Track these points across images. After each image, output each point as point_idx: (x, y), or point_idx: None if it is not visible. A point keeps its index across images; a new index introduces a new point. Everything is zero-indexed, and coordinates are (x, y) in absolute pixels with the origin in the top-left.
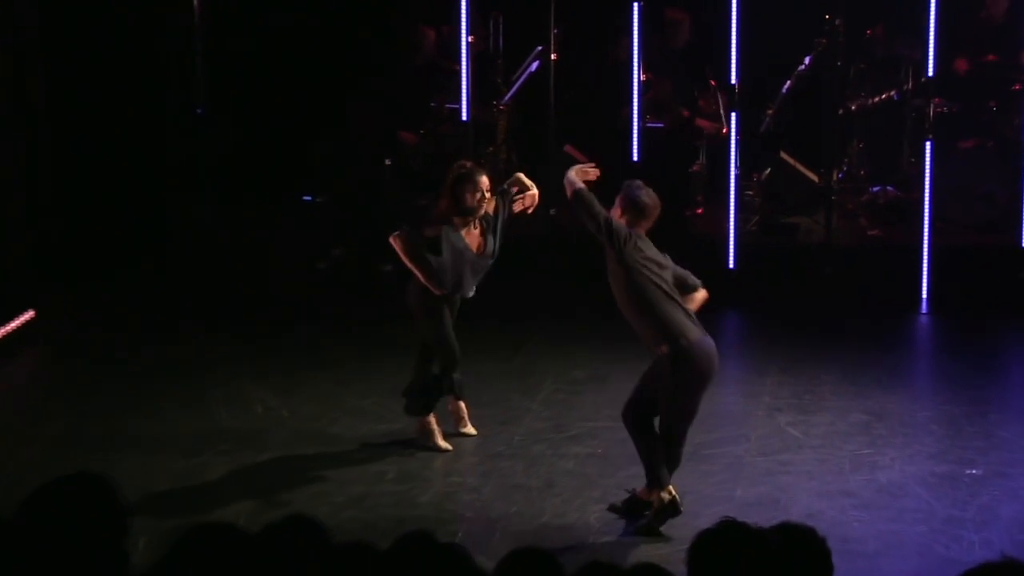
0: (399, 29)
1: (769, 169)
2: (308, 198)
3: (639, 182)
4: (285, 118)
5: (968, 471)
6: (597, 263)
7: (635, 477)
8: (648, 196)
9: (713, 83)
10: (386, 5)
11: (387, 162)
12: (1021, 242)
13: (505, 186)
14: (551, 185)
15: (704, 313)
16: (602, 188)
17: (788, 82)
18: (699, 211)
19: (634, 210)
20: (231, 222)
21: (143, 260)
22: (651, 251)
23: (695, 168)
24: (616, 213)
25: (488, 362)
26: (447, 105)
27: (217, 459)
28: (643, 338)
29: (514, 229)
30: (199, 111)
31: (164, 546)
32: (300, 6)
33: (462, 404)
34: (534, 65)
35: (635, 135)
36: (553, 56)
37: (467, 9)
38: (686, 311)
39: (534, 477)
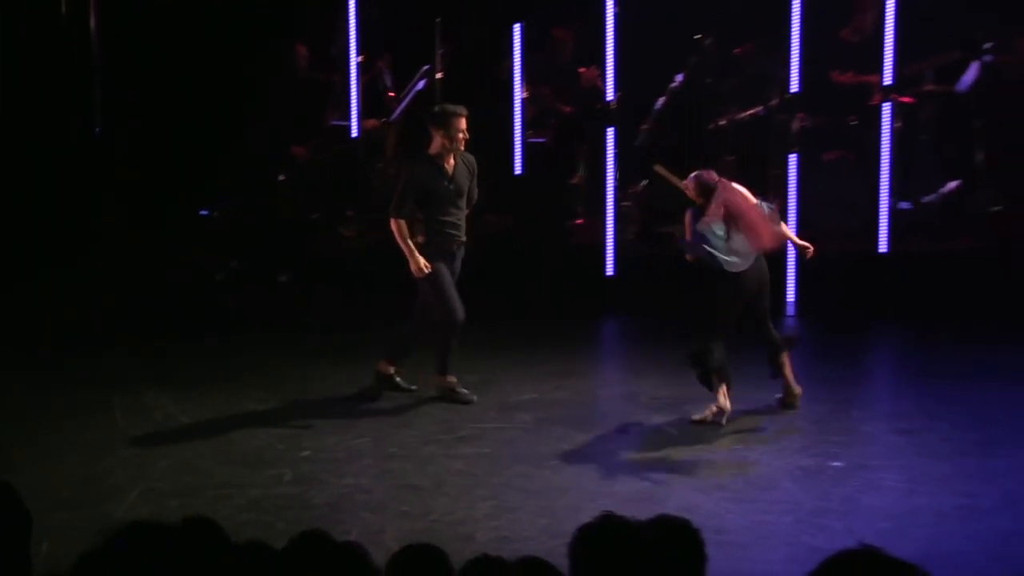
0: (275, 47)
1: (645, 181)
2: (204, 212)
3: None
4: (182, 136)
5: (832, 464)
6: (496, 267)
7: (522, 475)
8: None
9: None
10: (265, 24)
11: (281, 177)
12: (880, 248)
13: None
14: None
15: (585, 319)
16: (492, 196)
17: (662, 98)
18: (579, 221)
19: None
20: (132, 236)
21: (43, 273)
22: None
23: (575, 180)
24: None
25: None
26: (334, 122)
27: (117, 465)
28: None
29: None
30: (98, 130)
31: (78, 546)
32: (192, 27)
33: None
34: (420, 83)
35: (517, 149)
36: (439, 75)
37: (356, 29)
38: None
39: (425, 477)
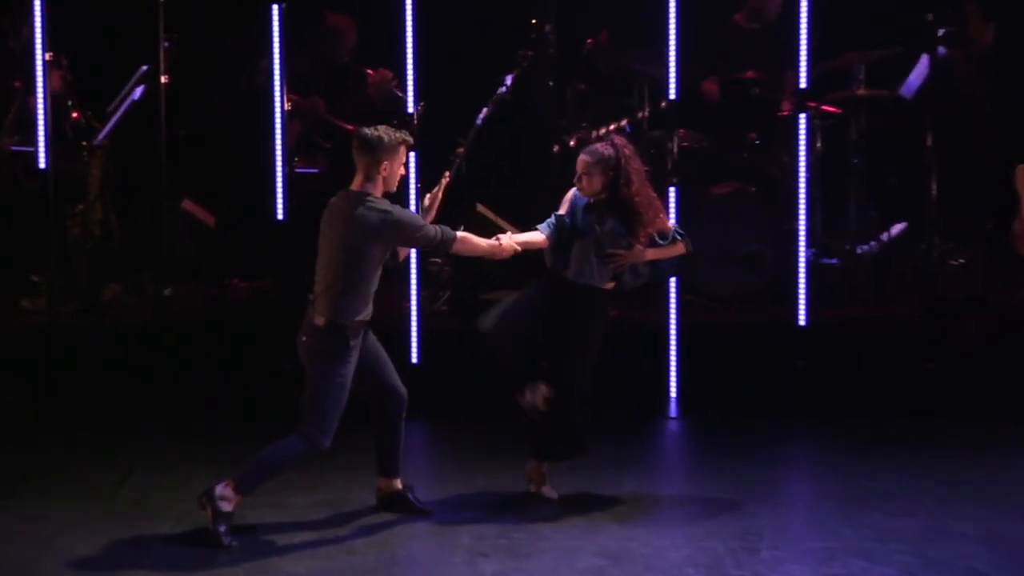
0: None
1: (462, 227)
2: None
3: None
4: None
5: None
6: (250, 349)
7: None
8: None
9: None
10: None
11: None
12: (799, 319)
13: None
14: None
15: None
16: (245, 256)
17: (484, 110)
18: None
19: None
20: None
21: None
22: None
23: None
24: None
25: (83, 500)
26: (13, 148)
27: None
28: None
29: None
30: None
31: None
32: None
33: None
34: (137, 92)
35: (279, 185)
36: (164, 79)
37: (43, 14)
38: None
39: None
